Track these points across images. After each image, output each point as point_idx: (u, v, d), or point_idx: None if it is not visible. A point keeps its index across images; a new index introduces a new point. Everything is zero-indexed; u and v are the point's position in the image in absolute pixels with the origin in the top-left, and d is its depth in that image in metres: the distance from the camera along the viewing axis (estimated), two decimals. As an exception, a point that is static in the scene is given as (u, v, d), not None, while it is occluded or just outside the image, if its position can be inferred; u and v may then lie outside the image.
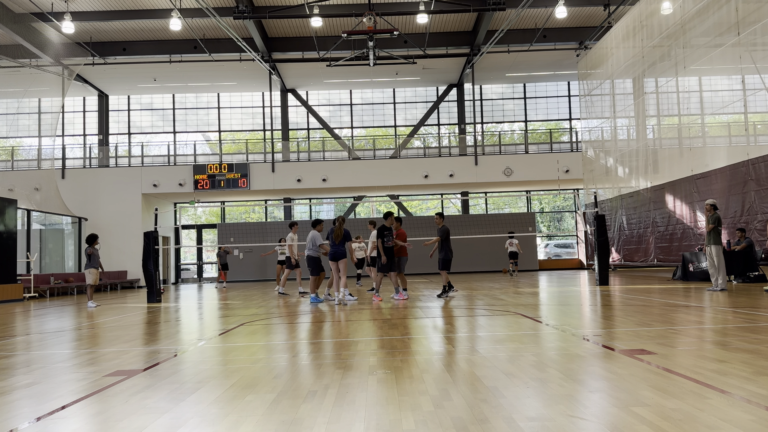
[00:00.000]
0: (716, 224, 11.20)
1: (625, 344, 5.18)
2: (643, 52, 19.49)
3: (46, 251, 23.58)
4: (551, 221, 30.96)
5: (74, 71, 23.99)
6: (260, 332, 7.10)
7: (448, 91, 28.48)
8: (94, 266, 12.77)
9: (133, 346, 6.23)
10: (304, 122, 28.78)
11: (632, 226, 21.52)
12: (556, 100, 29.00)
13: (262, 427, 3.02)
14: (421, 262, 25.24)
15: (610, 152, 23.21)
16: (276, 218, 29.34)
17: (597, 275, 13.94)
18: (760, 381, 3.63)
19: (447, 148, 27.89)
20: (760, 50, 14.03)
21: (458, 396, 3.51)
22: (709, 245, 11.28)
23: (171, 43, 23.42)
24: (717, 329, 6.06)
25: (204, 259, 29.25)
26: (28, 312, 12.17)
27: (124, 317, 9.92)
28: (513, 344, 5.41)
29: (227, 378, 4.30)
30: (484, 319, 7.59)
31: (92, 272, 12.75)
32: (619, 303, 9.27)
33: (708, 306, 8.40)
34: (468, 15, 22.22)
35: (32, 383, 4.36)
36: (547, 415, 3.04)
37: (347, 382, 4.05)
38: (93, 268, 12.75)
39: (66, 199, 24.16)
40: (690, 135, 18.45)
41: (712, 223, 11.20)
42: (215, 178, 25.03)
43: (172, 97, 28.74)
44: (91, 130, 28.33)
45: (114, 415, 3.35)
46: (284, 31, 23.56)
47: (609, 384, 3.69)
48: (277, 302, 12.12)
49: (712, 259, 11.21)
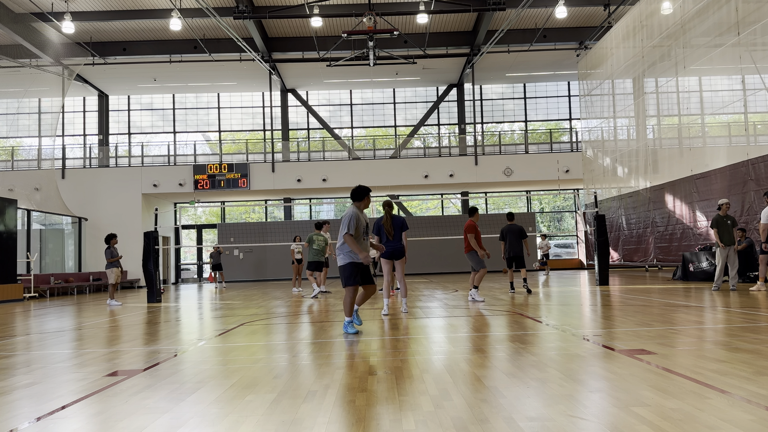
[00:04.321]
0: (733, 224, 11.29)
1: (625, 344, 5.18)
2: (643, 52, 19.49)
3: (46, 251, 23.58)
4: (551, 221, 30.95)
5: (74, 71, 23.99)
6: (260, 332, 7.10)
7: (448, 91, 28.47)
8: (116, 265, 13.24)
9: (133, 346, 6.23)
10: (304, 122, 28.78)
11: (632, 226, 21.52)
12: (556, 100, 29.00)
13: (262, 427, 3.02)
14: (421, 262, 25.27)
15: (609, 152, 23.21)
16: (276, 218, 29.34)
17: (597, 275, 13.94)
18: (760, 381, 3.63)
19: (447, 148, 27.89)
20: (760, 50, 14.03)
21: (458, 396, 3.51)
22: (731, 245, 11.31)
23: (171, 43, 23.42)
24: (717, 329, 6.06)
25: (204, 259, 29.24)
26: (28, 312, 12.17)
27: (124, 317, 9.92)
28: (513, 344, 5.41)
29: (227, 378, 4.30)
30: (484, 319, 7.59)
31: (114, 271, 13.23)
32: (619, 303, 9.27)
33: (708, 306, 8.40)
34: (468, 15, 22.22)
35: (32, 383, 4.36)
36: (547, 415, 3.04)
37: (347, 382, 4.05)
38: (114, 267, 13.22)
39: (66, 199, 24.16)
40: (690, 135, 18.45)
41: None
42: (215, 178, 25.03)
43: (172, 97, 28.74)
44: (91, 130, 28.33)
45: (114, 415, 3.35)
46: (284, 31, 23.56)
47: (609, 384, 3.69)
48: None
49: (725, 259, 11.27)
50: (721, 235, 11.25)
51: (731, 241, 11.24)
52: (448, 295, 12.21)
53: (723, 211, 11.36)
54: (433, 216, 27.93)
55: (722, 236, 11.25)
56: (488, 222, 25.60)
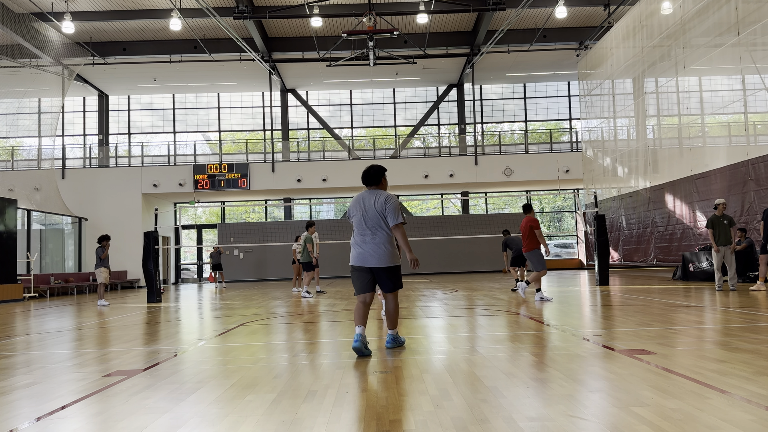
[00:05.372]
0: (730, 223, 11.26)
1: (625, 344, 5.18)
2: (643, 52, 19.49)
3: (46, 251, 23.59)
4: (551, 221, 30.95)
5: (74, 71, 23.99)
6: (260, 332, 7.10)
7: (448, 91, 28.47)
8: (105, 265, 13.16)
9: (133, 346, 6.23)
10: (304, 122, 28.78)
11: (632, 226, 21.52)
12: (556, 100, 29.00)
13: (262, 427, 3.02)
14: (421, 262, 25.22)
15: (609, 152, 23.21)
16: (276, 218, 29.34)
17: (597, 275, 13.94)
18: (760, 381, 3.63)
19: (447, 148, 27.89)
20: (760, 50, 14.03)
21: (458, 396, 3.51)
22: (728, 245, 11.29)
23: (171, 43, 23.42)
24: (717, 329, 6.06)
25: (204, 259, 29.24)
26: (28, 312, 12.17)
27: (124, 317, 9.92)
28: (513, 344, 5.41)
29: (227, 378, 4.30)
30: (484, 319, 7.59)
31: (103, 271, 13.15)
32: (619, 303, 9.27)
33: (708, 306, 8.40)
34: (468, 15, 22.22)
35: (32, 383, 4.36)
36: (547, 415, 3.04)
37: (347, 382, 4.05)
38: (104, 267, 13.14)
39: (66, 199, 24.16)
40: (690, 135, 18.45)
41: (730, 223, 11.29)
42: (215, 178, 25.03)
43: (172, 97, 28.74)
44: (91, 130, 28.33)
45: (114, 415, 3.35)
46: (284, 31, 23.56)
47: (609, 384, 3.69)
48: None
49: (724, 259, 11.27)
50: (717, 236, 11.23)
51: (727, 241, 11.21)
52: (448, 295, 12.21)
53: (719, 210, 11.34)
54: (433, 216, 27.93)
55: (718, 236, 11.24)
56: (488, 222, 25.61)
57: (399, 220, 5.15)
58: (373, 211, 5.18)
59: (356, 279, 5.26)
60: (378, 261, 5.16)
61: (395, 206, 5.21)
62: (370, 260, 5.16)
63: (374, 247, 5.16)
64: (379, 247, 5.16)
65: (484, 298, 11.03)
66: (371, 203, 5.21)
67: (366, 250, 5.17)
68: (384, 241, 5.18)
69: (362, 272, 5.22)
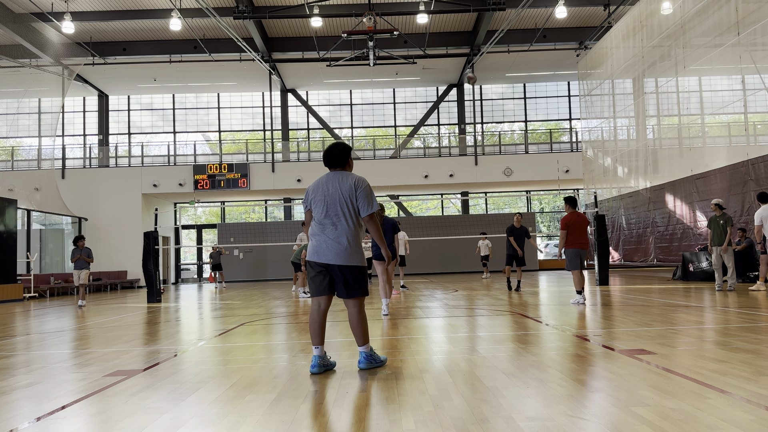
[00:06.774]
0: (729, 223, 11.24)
1: (625, 344, 5.18)
2: (643, 52, 19.49)
3: (46, 251, 23.59)
4: (551, 221, 30.95)
5: (74, 71, 23.98)
6: (260, 332, 7.10)
7: (448, 91, 28.47)
8: (86, 266, 13.46)
9: (133, 346, 6.23)
10: (304, 122, 28.78)
11: (632, 226, 21.52)
12: (556, 100, 29.00)
13: (262, 427, 3.02)
14: (421, 262, 25.24)
15: (609, 152, 23.21)
16: (276, 218, 29.34)
17: (597, 275, 13.94)
18: (760, 381, 3.63)
19: (447, 148, 27.89)
20: (760, 50, 14.03)
21: (458, 396, 3.51)
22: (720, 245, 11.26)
23: (171, 43, 23.42)
24: (717, 329, 6.06)
25: (204, 260, 29.24)
26: (28, 312, 12.17)
27: (124, 317, 9.92)
28: (513, 344, 5.41)
29: (227, 378, 4.30)
30: (484, 319, 7.59)
31: (84, 272, 13.41)
32: (619, 303, 9.27)
33: (708, 306, 8.40)
34: (468, 15, 22.21)
35: (32, 383, 4.36)
36: (547, 415, 3.04)
37: (347, 382, 4.05)
38: (85, 268, 13.42)
39: (66, 199, 24.16)
40: (690, 135, 18.45)
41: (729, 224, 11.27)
42: (215, 178, 25.03)
43: (172, 97, 28.74)
44: (91, 130, 28.33)
45: (114, 415, 3.35)
46: (284, 31, 23.55)
47: (609, 384, 3.69)
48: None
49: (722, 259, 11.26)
50: (711, 235, 11.29)
51: (720, 241, 11.21)
52: (448, 295, 12.21)
53: (717, 210, 11.36)
54: (433, 216, 27.93)
55: (712, 236, 11.28)
56: (488, 222, 25.60)
57: (374, 209, 4.36)
58: (338, 195, 4.34)
59: (311, 278, 4.45)
60: (335, 257, 4.31)
61: (367, 192, 4.37)
62: (326, 255, 4.33)
63: (332, 239, 4.32)
64: (339, 241, 4.32)
65: (484, 298, 11.03)
66: (336, 187, 4.36)
67: (322, 241, 4.35)
68: (345, 233, 4.33)
69: (317, 269, 4.39)
